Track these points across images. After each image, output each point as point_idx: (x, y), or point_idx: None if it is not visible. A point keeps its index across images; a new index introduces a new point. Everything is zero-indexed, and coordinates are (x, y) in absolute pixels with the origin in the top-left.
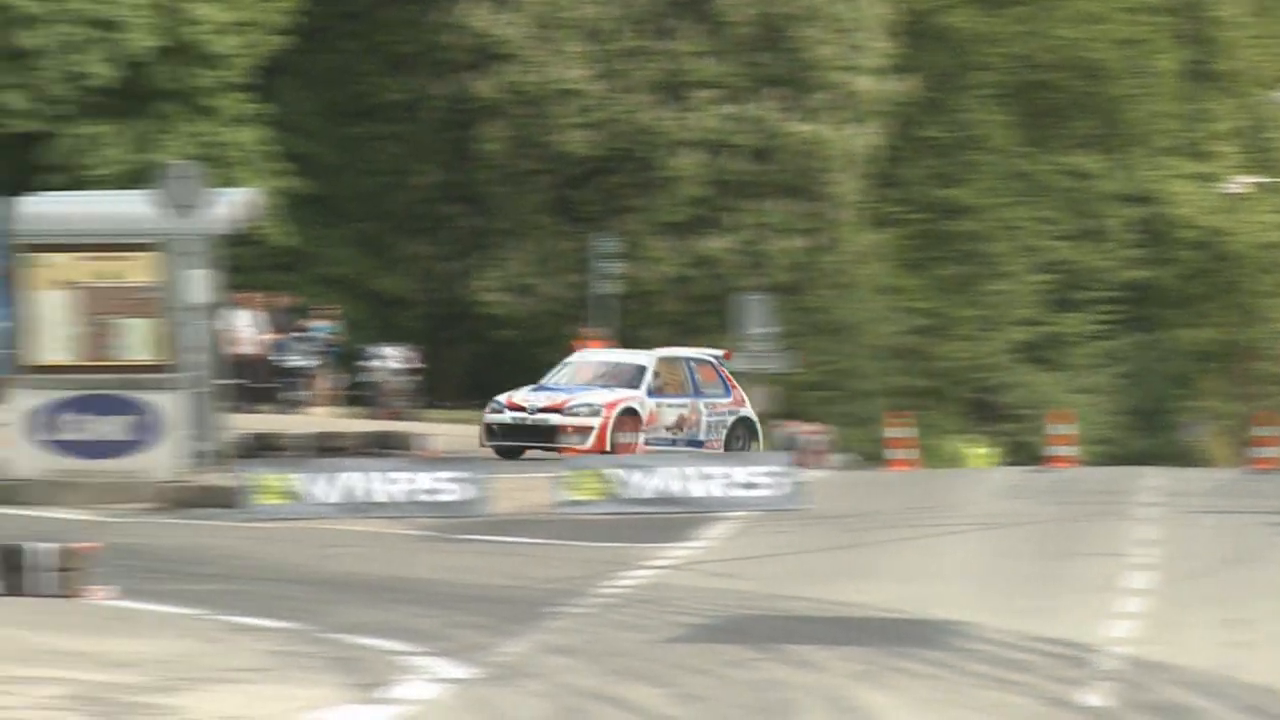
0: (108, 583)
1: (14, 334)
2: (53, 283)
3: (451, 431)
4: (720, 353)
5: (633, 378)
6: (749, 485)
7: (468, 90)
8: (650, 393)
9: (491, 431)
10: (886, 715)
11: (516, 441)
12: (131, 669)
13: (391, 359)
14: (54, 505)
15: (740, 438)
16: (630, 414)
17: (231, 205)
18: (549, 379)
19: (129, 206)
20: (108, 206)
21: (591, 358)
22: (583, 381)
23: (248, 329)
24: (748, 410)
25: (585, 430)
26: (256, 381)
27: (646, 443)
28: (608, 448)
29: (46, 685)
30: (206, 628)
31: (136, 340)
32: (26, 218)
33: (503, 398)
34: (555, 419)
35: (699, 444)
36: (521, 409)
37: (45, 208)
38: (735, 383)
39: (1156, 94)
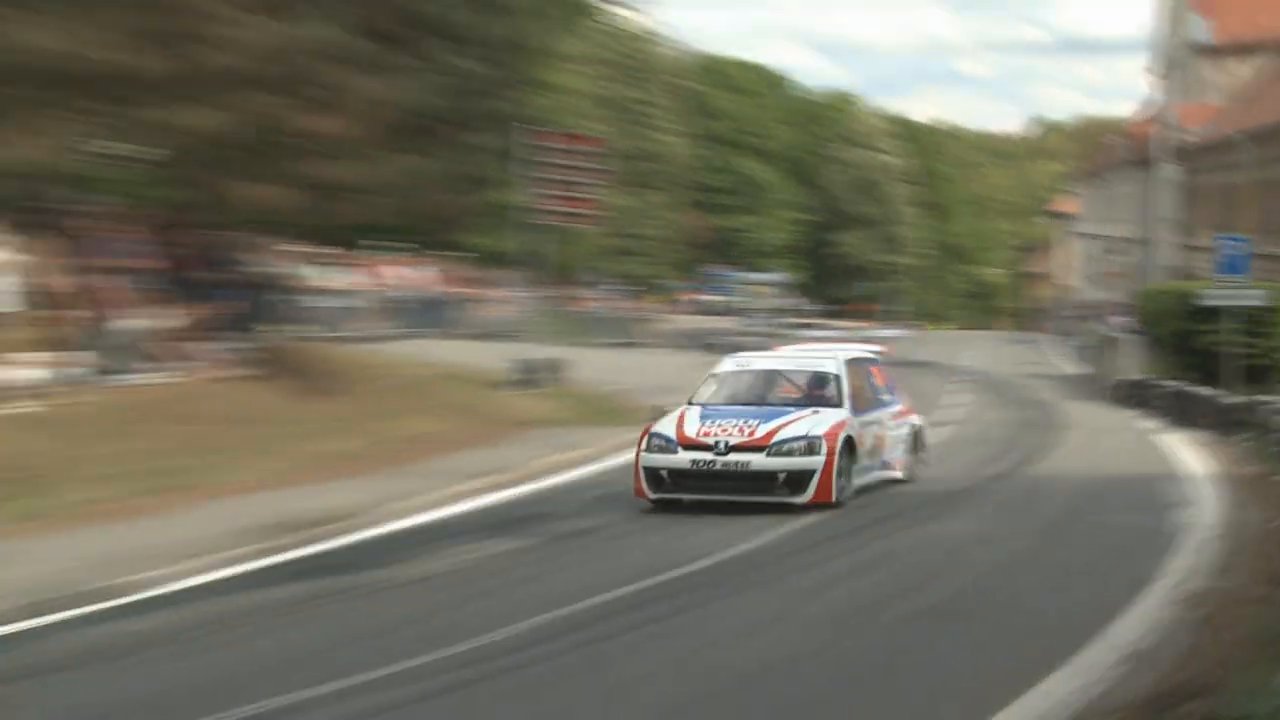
0: None
1: None
2: None
3: None
4: (881, 348)
5: (825, 391)
6: None
7: None
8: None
9: (659, 479)
10: None
11: (700, 493)
12: None
13: None
14: None
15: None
16: (849, 447)
17: None
18: (703, 395)
19: None
20: None
21: (753, 364)
22: (754, 398)
23: None
24: (917, 418)
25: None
26: None
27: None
28: (833, 498)
29: None
30: None
31: None
32: None
33: (666, 427)
34: (760, 461)
35: (887, 467)
36: (704, 446)
37: None
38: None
39: None
